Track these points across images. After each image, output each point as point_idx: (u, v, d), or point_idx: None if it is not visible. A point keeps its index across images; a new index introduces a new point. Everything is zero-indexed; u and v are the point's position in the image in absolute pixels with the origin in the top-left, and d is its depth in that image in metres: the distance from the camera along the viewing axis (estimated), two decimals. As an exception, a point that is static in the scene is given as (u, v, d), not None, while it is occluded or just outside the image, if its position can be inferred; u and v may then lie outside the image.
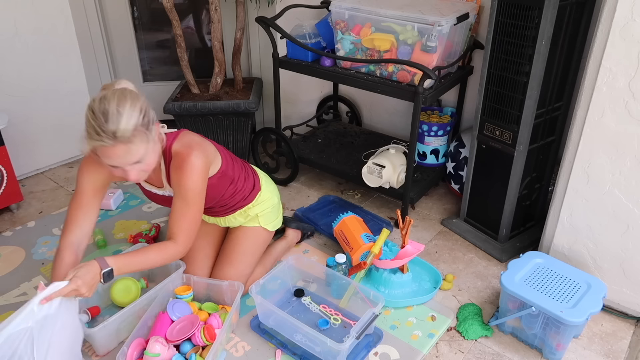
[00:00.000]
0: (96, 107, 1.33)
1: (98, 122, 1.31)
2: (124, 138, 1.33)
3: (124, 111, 1.33)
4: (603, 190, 1.82)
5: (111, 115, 1.31)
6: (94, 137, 1.33)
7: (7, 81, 2.60)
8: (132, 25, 3.00)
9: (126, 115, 1.33)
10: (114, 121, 1.31)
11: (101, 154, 1.37)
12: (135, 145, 1.36)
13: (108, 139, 1.32)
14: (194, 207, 1.57)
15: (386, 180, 2.34)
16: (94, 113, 1.33)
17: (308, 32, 2.49)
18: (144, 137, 1.37)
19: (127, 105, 1.34)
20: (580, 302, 1.66)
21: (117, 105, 1.33)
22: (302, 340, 1.68)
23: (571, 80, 2.01)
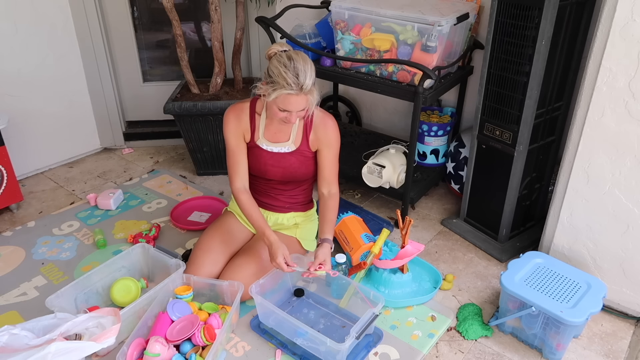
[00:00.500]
0: (287, 63, 1.65)
1: (290, 75, 1.64)
2: (306, 90, 1.67)
3: (307, 70, 1.66)
4: (603, 190, 1.82)
5: (301, 72, 1.65)
6: (284, 87, 1.64)
7: (7, 81, 2.60)
8: (132, 25, 3.00)
9: (309, 73, 1.67)
10: (303, 77, 1.65)
11: (283, 100, 1.69)
12: (312, 96, 1.72)
13: (296, 89, 1.65)
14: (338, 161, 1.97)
15: (386, 180, 2.34)
16: (286, 67, 1.64)
17: (308, 32, 2.49)
18: (314, 92, 1.72)
19: (309, 66, 1.68)
20: (580, 302, 1.66)
21: (303, 64, 1.66)
22: (303, 341, 1.68)
23: (571, 80, 2.01)
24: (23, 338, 1.48)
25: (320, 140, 1.91)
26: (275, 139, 1.91)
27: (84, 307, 1.78)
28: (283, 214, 2.05)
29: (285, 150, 1.92)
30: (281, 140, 1.91)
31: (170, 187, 2.74)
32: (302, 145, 1.92)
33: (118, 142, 3.17)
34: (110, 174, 2.89)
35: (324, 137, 1.90)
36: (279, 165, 1.93)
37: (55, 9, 2.66)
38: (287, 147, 1.91)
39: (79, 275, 2.04)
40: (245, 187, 1.94)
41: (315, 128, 1.90)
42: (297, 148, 1.92)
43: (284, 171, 1.95)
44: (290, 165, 1.93)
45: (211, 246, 1.95)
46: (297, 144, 1.91)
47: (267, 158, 1.93)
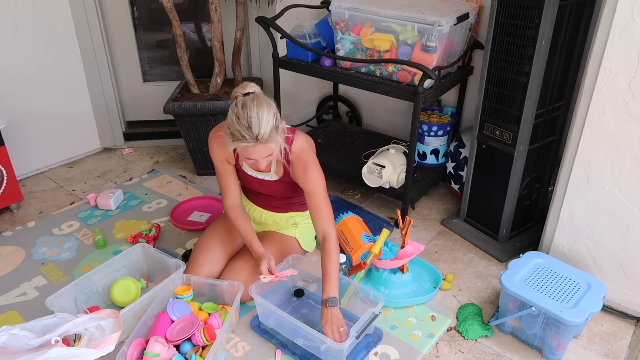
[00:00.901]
0: (240, 113, 1.56)
1: (243, 127, 1.55)
2: (263, 139, 1.57)
3: (262, 117, 1.56)
4: (603, 190, 1.82)
5: (254, 122, 1.55)
6: (239, 138, 1.57)
7: (7, 81, 2.60)
8: (132, 25, 3.00)
9: (264, 121, 1.56)
10: (256, 127, 1.55)
11: (243, 151, 1.64)
12: (271, 143, 1.61)
13: (251, 141, 1.57)
14: (324, 198, 1.82)
15: (386, 180, 2.34)
16: (239, 119, 1.56)
17: (308, 32, 2.49)
18: (276, 137, 1.62)
19: (264, 112, 1.57)
20: (580, 302, 1.66)
21: (257, 111, 1.56)
22: (303, 341, 1.68)
23: (571, 80, 2.01)
24: (22, 338, 1.48)
25: (299, 181, 1.83)
26: (256, 168, 1.84)
27: (84, 307, 1.78)
28: (282, 214, 2.05)
29: (269, 179, 1.91)
30: (263, 170, 1.86)
31: (170, 187, 2.74)
32: (284, 176, 1.88)
33: (118, 142, 3.17)
34: (110, 174, 2.89)
35: (301, 180, 1.81)
36: (267, 188, 1.95)
37: (55, 9, 2.66)
38: (270, 176, 1.90)
39: (79, 275, 2.04)
40: (236, 203, 1.94)
41: (292, 167, 1.82)
42: (280, 178, 1.89)
43: (274, 192, 1.97)
44: (277, 190, 1.95)
45: (211, 246, 1.95)
46: (279, 174, 1.88)
47: (253, 182, 1.95)
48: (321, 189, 1.80)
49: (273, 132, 1.59)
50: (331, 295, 1.69)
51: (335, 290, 1.71)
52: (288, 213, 2.06)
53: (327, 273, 1.74)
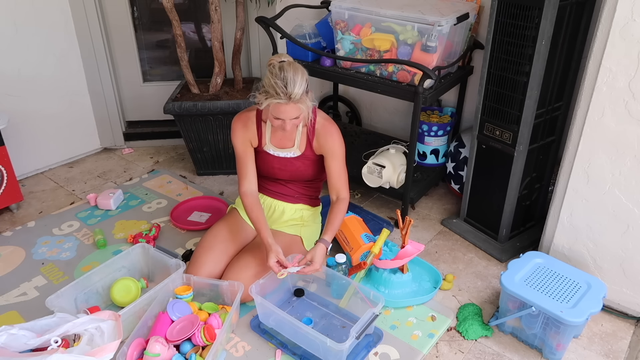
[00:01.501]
0: (277, 73, 1.70)
1: (279, 85, 1.69)
2: (296, 99, 1.71)
3: (297, 79, 1.70)
4: (603, 190, 1.82)
5: (289, 81, 1.69)
6: (274, 96, 1.70)
7: (7, 81, 2.60)
8: (132, 25, 3.00)
9: (299, 83, 1.70)
10: (291, 86, 1.69)
11: (274, 108, 1.74)
12: (302, 105, 1.75)
13: (284, 98, 1.70)
14: (344, 164, 1.98)
15: (386, 180, 2.34)
16: (276, 77, 1.70)
17: (308, 32, 2.49)
18: (306, 100, 1.75)
19: (299, 75, 1.71)
20: (580, 302, 1.66)
21: (293, 74, 1.70)
22: (303, 340, 1.68)
23: (571, 80, 2.01)
24: (22, 338, 1.48)
25: (322, 148, 1.95)
26: (281, 145, 1.97)
27: (84, 307, 1.78)
28: (291, 204, 2.08)
29: (291, 155, 1.98)
30: (287, 146, 1.97)
31: (170, 187, 2.74)
32: (307, 151, 1.97)
33: (118, 142, 3.17)
34: (110, 174, 2.89)
35: (326, 145, 1.94)
36: (286, 168, 2.00)
37: (55, 9, 2.66)
38: (293, 152, 1.97)
39: (79, 275, 2.04)
40: (252, 190, 1.99)
41: (317, 135, 1.94)
42: (302, 153, 1.97)
43: (291, 174, 2.01)
44: (297, 169, 2.00)
45: (214, 246, 1.96)
46: (302, 149, 1.97)
47: (274, 162, 2.00)
48: (342, 154, 1.96)
49: (304, 94, 1.73)
50: (324, 237, 1.87)
51: (330, 235, 1.88)
52: (298, 204, 2.09)
53: (330, 223, 1.91)
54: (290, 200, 2.09)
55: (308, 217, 2.11)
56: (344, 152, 1.97)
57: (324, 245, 1.85)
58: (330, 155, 1.95)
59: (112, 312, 1.59)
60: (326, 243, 1.87)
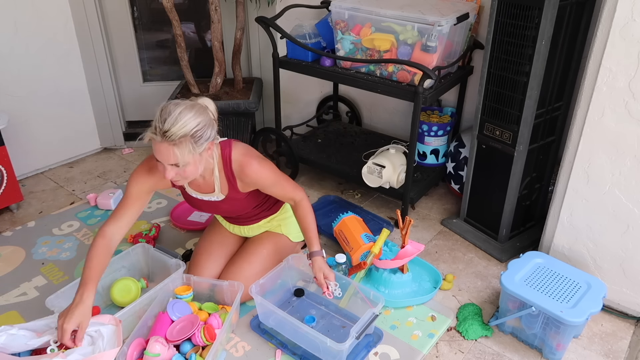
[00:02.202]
0: (165, 107, 1.52)
1: (159, 119, 1.49)
2: (170, 140, 1.48)
3: (180, 119, 1.48)
4: (603, 190, 1.82)
5: (170, 118, 1.48)
6: (151, 129, 1.51)
7: (7, 81, 2.60)
8: (132, 25, 3.00)
9: (180, 124, 1.48)
10: (169, 123, 1.48)
11: (153, 145, 1.54)
12: (179, 150, 1.50)
13: (158, 135, 1.49)
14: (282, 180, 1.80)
15: (386, 180, 2.34)
16: (161, 111, 1.51)
17: (308, 32, 2.49)
18: (188, 148, 1.51)
19: (187, 117, 1.49)
20: (580, 302, 1.66)
21: (179, 112, 1.49)
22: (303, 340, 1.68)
23: (571, 80, 2.01)
24: (21, 338, 1.48)
25: (250, 186, 1.78)
26: (201, 190, 1.81)
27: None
28: (255, 224, 2.00)
29: (215, 199, 1.81)
30: (207, 191, 1.80)
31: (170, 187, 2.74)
32: (231, 193, 1.79)
33: (118, 142, 3.17)
34: (110, 174, 2.89)
35: (252, 182, 1.75)
36: (216, 209, 1.86)
37: (55, 9, 2.66)
38: (216, 196, 1.80)
39: (79, 275, 2.02)
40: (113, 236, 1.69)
41: (238, 178, 1.74)
42: (226, 196, 1.79)
43: (227, 212, 1.90)
44: (226, 209, 1.86)
45: (211, 250, 1.96)
46: (225, 192, 1.78)
47: (201, 204, 1.85)
48: (274, 178, 1.77)
49: (186, 139, 1.49)
50: (313, 249, 1.80)
51: (316, 244, 1.81)
52: (260, 222, 1.99)
53: (306, 230, 1.83)
54: (251, 223, 1.98)
55: (279, 217, 2.02)
56: (274, 175, 1.76)
57: (319, 256, 1.78)
58: (264, 187, 1.78)
59: (113, 317, 1.58)
60: (319, 254, 1.79)
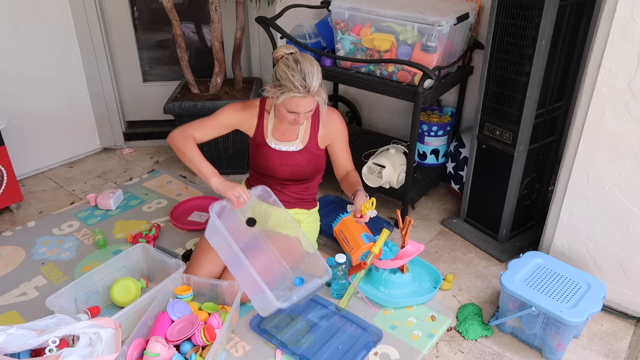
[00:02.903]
0: (294, 66, 1.68)
1: (297, 79, 1.67)
2: (314, 92, 1.70)
3: (314, 71, 1.69)
4: (603, 190, 1.82)
5: (308, 74, 1.68)
6: (291, 89, 1.68)
7: (7, 81, 2.60)
8: (132, 25, 3.00)
9: (316, 75, 1.70)
10: (310, 79, 1.68)
11: (291, 103, 1.72)
12: (320, 97, 1.75)
13: (303, 92, 1.68)
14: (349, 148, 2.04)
15: (386, 180, 2.34)
16: (293, 71, 1.68)
17: (308, 32, 2.49)
18: (322, 93, 1.75)
19: (315, 67, 1.71)
20: (580, 302, 1.66)
21: (310, 66, 1.69)
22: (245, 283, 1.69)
23: (571, 80, 2.01)
24: (21, 337, 1.47)
25: (330, 136, 1.96)
26: (284, 138, 1.95)
27: (84, 307, 1.78)
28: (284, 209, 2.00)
29: (294, 149, 1.95)
30: (289, 139, 1.94)
31: (170, 187, 2.74)
32: (311, 143, 1.95)
33: (118, 142, 3.17)
34: (110, 174, 2.89)
35: (334, 131, 1.95)
36: (287, 163, 1.96)
37: (55, 9, 2.66)
38: (295, 145, 1.94)
39: (79, 275, 2.04)
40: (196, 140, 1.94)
41: (323, 124, 1.94)
42: (305, 146, 1.95)
43: (292, 169, 1.97)
44: (299, 163, 1.96)
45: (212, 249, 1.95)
46: (304, 142, 1.95)
47: (275, 157, 1.95)
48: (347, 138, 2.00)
49: (322, 87, 1.73)
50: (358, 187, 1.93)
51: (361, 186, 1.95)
52: (293, 209, 2.05)
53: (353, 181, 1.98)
54: (285, 206, 2.00)
55: (305, 219, 2.09)
56: (347, 135, 2.00)
57: (362, 192, 1.90)
58: (337, 139, 1.97)
59: (113, 320, 1.57)
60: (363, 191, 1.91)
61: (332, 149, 2.01)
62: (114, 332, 1.54)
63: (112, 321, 1.57)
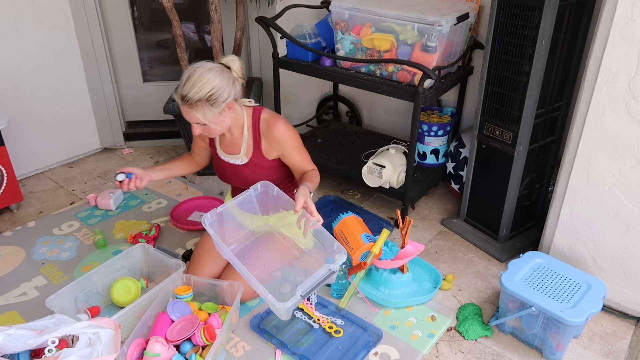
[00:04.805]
0: (187, 71, 1.63)
1: (181, 83, 1.63)
2: (187, 103, 1.62)
3: (197, 84, 1.59)
4: (603, 190, 1.82)
5: (187, 83, 1.60)
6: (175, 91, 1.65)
7: (7, 81, 2.60)
8: (132, 25, 3.00)
9: (196, 89, 1.59)
10: (186, 89, 1.60)
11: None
12: (197, 112, 1.63)
13: (179, 99, 1.63)
14: (303, 149, 1.87)
15: (386, 180, 2.34)
16: (183, 75, 1.63)
17: (308, 32, 2.49)
18: (205, 110, 1.62)
19: (204, 81, 1.59)
20: (580, 302, 1.66)
21: (197, 77, 1.60)
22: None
23: (571, 80, 2.01)
24: (20, 337, 1.47)
25: (274, 147, 1.85)
26: (228, 151, 1.90)
27: (84, 307, 1.78)
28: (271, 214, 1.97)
29: (239, 163, 1.89)
30: (233, 152, 1.89)
31: (170, 187, 2.74)
32: (255, 157, 1.86)
33: (118, 142, 3.17)
34: (110, 174, 2.89)
35: (276, 143, 1.83)
36: (237, 175, 1.93)
37: (55, 9, 2.66)
38: (240, 159, 1.88)
39: (79, 275, 2.04)
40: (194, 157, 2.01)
41: (263, 136, 1.83)
42: (250, 160, 1.87)
43: (243, 181, 1.92)
44: (247, 176, 1.90)
45: (212, 248, 1.95)
46: (249, 156, 1.87)
47: (226, 168, 1.93)
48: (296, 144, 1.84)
49: (202, 103, 1.60)
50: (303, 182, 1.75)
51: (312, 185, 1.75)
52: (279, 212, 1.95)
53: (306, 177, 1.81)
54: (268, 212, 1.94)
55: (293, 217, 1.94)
56: (295, 139, 1.84)
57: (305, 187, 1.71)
58: (284, 151, 1.84)
59: (112, 321, 1.57)
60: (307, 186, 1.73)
61: (283, 158, 1.88)
62: (114, 333, 1.54)
63: (112, 321, 1.57)
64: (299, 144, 1.86)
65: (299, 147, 1.86)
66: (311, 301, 1.87)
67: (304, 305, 1.86)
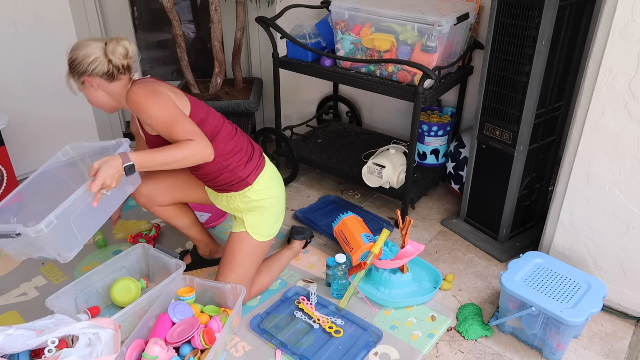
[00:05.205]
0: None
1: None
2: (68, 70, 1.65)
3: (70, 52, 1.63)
4: (603, 190, 1.82)
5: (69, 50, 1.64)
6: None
7: (7, 81, 2.60)
8: (132, 25, 3.00)
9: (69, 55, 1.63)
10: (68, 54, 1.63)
11: None
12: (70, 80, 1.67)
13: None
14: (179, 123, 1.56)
15: (386, 180, 2.34)
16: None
17: (308, 32, 2.49)
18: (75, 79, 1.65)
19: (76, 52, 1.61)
20: (580, 302, 1.66)
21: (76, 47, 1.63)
22: None
23: (571, 80, 2.01)
24: (20, 337, 1.47)
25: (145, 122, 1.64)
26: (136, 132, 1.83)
27: (84, 307, 1.78)
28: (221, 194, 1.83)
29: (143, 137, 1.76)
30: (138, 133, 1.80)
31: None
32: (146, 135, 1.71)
33: (118, 142, 3.17)
34: (110, 174, 2.89)
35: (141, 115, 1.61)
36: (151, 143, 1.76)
37: (55, 9, 2.66)
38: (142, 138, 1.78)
39: (79, 275, 2.04)
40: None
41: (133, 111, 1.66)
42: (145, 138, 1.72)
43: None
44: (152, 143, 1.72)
45: (164, 179, 1.88)
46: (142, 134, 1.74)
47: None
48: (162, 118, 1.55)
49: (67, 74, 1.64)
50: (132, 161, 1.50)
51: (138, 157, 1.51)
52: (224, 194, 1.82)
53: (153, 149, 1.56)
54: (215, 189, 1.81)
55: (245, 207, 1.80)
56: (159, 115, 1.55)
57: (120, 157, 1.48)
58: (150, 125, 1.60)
59: (112, 321, 1.57)
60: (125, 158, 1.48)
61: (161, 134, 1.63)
62: (113, 333, 1.54)
63: (112, 322, 1.57)
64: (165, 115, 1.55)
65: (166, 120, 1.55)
66: (311, 301, 1.88)
67: (304, 305, 1.86)
